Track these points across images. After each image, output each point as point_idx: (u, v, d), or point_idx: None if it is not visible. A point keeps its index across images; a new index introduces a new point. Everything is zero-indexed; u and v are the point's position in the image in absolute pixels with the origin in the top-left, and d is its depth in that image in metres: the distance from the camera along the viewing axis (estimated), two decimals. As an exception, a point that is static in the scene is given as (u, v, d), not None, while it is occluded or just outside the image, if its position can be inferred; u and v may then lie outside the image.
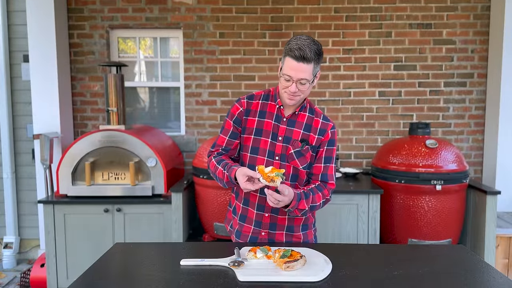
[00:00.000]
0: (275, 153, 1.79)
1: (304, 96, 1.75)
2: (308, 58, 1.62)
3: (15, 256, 4.01)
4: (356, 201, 3.02)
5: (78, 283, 1.39)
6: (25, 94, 3.97)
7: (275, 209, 1.81)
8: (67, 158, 3.13)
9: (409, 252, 1.77)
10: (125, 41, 4.06)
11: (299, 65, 1.64)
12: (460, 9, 3.80)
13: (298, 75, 1.65)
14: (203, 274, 1.44)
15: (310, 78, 1.67)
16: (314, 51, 1.64)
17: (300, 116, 1.82)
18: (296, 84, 1.67)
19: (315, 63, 1.66)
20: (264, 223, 1.84)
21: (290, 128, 1.80)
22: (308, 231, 1.91)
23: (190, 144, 3.96)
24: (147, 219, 3.12)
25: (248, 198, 1.86)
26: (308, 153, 1.80)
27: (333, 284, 1.37)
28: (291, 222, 1.86)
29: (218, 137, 1.89)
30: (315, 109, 1.86)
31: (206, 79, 3.91)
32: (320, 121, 1.82)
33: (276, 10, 3.83)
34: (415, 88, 3.88)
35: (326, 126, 1.82)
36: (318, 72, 1.72)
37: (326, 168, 1.83)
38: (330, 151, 1.83)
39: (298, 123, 1.81)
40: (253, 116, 1.82)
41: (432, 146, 3.09)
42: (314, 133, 1.81)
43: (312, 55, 1.63)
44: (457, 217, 3.11)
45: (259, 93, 1.87)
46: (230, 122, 1.84)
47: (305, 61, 1.63)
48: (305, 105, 1.83)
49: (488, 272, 1.47)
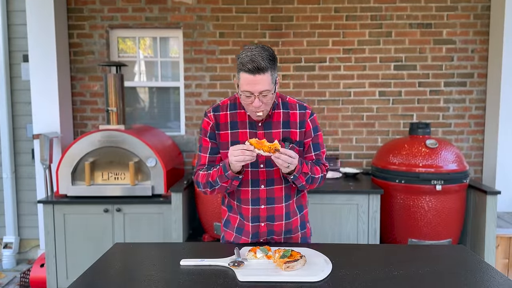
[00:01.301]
0: (259, 162, 1.73)
1: (269, 106, 1.67)
2: (263, 67, 1.54)
3: (15, 256, 4.01)
4: (356, 201, 3.02)
5: (78, 283, 1.38)
6: (25, 94, 3.97)
7: (270, 216, 1.78)
8: (67, 158, 3.13)
9: (409, 252, 1.77)
10: (124, 41, 4.06)
11: (255, 78, 1.55)
12: (460, 9, 3.80)
13: (257, 88, 1.57)
14: (203, 274, 1.44)
15: (271, 88, 1.59)
16: (267, 58, 1.56)
17: (275, 115, 1.74)
18: (259, 98, 1.59)
19: (271, 70, 1.58)
20: (261, 217, 1.79)
21: (268, 131, 1.73)
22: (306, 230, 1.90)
23: (190, 144, 3.96)
24: (147, 219, 3.11)
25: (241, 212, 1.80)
26: (295, 150, 1.74)
27: (333, 284, 1.36)
28: (289, 226, 1.82)
29: (199, 156, 1.81)
30: (288, 102, 1.78)
31: (206, 79, 3.91)
32: (297, 113, 1.75)
33: (276, 10, 3.83)
34: (415, 88, 3.88)
35: (304, 116, 1.76)
36: (277, 78, 1.65)
37: (318, 155, 1.81)
38: (316, 138, 1.79)
39: (275, 124, 1.74)
40: (225, 129, 1.75)
41: (432, 146, 3.09)
42: (295, 127, 1.75)
43: (266, 63, 1.55)
44: (457, 217, 3.11)
45: (225, 102, 1.78)
46: (206, 138, 1.78)
47: (260, 72, 1.54)
48: (277, 102, 1.75)
49: (488, 272, 1.47)
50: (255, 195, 1.76)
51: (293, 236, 1.85)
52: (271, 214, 1.78)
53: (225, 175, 1.65)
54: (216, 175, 1.68)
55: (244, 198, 1.78)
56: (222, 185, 1.69)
